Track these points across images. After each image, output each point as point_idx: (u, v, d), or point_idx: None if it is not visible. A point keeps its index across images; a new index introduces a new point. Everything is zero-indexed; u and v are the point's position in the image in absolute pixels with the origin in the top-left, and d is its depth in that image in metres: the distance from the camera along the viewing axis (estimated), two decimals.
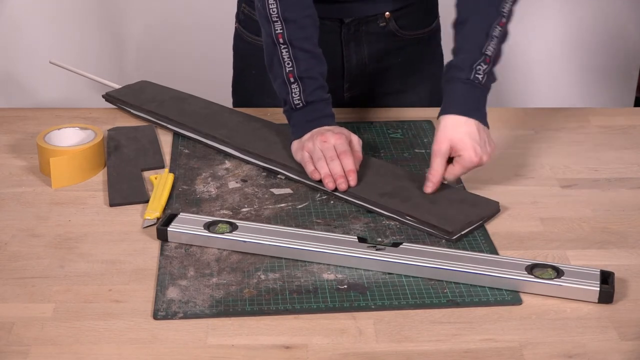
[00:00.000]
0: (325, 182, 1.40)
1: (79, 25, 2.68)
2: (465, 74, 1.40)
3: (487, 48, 1.40)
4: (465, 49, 1.41)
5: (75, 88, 2.54)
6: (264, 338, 1.09)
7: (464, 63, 1.41)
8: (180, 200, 1.40)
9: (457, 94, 1.41)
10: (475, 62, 1.40)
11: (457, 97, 1.41)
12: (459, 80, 1.40)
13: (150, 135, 1.61)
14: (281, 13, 1.44)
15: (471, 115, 1.38)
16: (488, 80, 1.42)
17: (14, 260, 1.24)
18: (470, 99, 1.40)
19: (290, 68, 1.46)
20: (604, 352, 1.07)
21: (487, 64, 1.40)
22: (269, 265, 1.23)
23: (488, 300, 1.16)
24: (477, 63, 1.40)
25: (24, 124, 1.66)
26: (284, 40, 1.45)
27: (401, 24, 1.68)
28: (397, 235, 1.31)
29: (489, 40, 1.40)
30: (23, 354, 1.05)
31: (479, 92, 1.41)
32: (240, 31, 1.75)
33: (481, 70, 1.40)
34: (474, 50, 1.41)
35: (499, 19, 1.41)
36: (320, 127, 1.46)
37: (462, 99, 1.40)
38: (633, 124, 1.70)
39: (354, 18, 1.66)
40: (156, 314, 1.13)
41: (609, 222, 1.36)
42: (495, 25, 1.41)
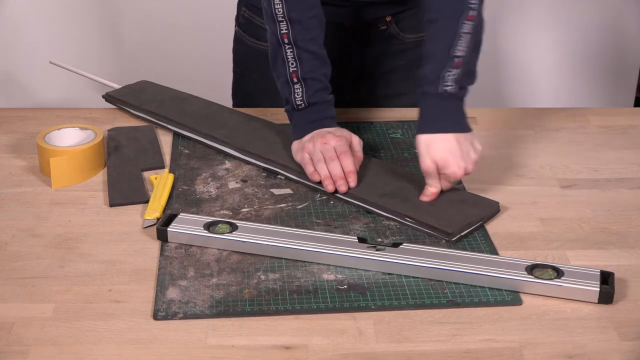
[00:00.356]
0: (325, 185, 1.40)
1: (79, 25, 2.68)
2: (434, 87, 1.37)
3: (456, 49, 1.36)
4: (433, 55, 1.38)
5: (75, 88, 2.54)
6: (264, 338, 1.09)
7: (432, 73, 1.37)
8: (180, 200, 1.40)
9: (429, 111, 1.38)
10: (443, 69, 1.36)
11: (430, 114, 1.38)
12: (429, 95, 1.38)
13: (150, 135, 1.61)
14: (287, 13, 1.44)
15: (447, 130, 1.36)
16: (460, 88, 1.37)
17: (14, 260, 1.24)
18: (443, 113, 1.37)
19: (294, 68, 1.46)
20: (604, 353, 1.07)
21: (457, 68, 1.36)
22: (269, 266, 1.23)
23: (488, 300, 1.16)
24: (445, 70, 1.36)
25: (24, 124, 1.66)
26: (289, 40, 1.45)
27: (402, 27, 1.68)
28: (397, 235, 1.31)
29: (457, 39, 1.36)
30: (23, 354, 1.05)
31: (451, 104, 1.38)
32: (240, 34, 1.75)
33: (450, 78, 1.36)
34: (442, 55, 1.36)
35: (466, 12, 1.36)
36: (321, 128, 1.46)
37: (434, 115, 1.38)
38: (633, 124, 1.70)
39: (355, 21, 1.66)
40: (156, 314, 1.13)
41: (609, 222, 1.36)
42: (463, 20, 1.36)
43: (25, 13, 2.65)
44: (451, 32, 1.36)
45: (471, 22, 1.37)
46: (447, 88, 1.37)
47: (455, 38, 1.36)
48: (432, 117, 1.38)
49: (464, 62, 1.37)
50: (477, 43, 1.39)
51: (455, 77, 1.36)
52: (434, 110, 1.38)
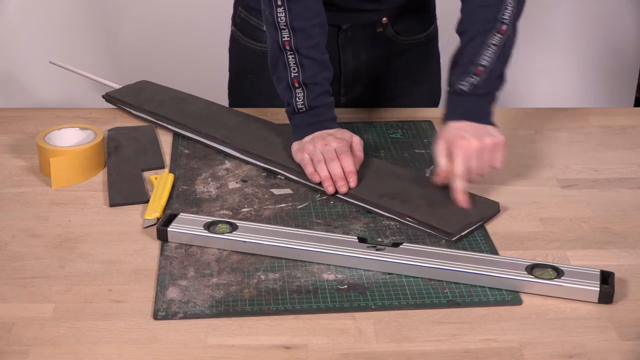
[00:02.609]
0: (325, 186, 1.40)
1: (79, 25, 2.68)
2: (453, 87, 1.43)
3: (480, 58, 1.41)
4: (460, 63, 1.43)
5: (75, 88, 2.54)
6: (264, 338, 1.09)
7: (455, 77, 1.43)
8: (180, 200, 1.40)
9: (449, 107, 1.43)
10: (464, 74, 1.41)
11: (452, 107, 1.43)
12: (449, 94, 1.44)
13: (150, 135, 1.61)
14: (290, 22, 1.44)
15: (462, 119, 1.40)
16: (479, 89, 1.41)
17: (14, 260, 1.24)
18: (462, 107, 1.41)
19: (295, 74, 1.46)
20: (604, 352, 1.07)
21: (477, 75, 1.41)
22: (269, 266, 1.23)
23: (488, 300, 1.16)
24: (466, 75, 1.41)
25: (24, 124, 1.66)
26: (291, 47, 1.45)
27: (398, 30, 1.68)
28: (397, 235, 1.31)
29: (484, 49, 1.41)
30: (23, 354, 1.05)
31: (466, 100, 1.42)
32: (236, 35, 1.75)
33: (468, 81, 1.41)
34: (466, 62, 1.42)
35: (497, 26, 1.41)
36: (322, 130, 1.46)
37: (451, 109, 1.43)
38: (633, 124, 1.70)
39: (351, 24, 1.66)
40: (156, 314, 1.13)
41: (609, 222, 1.36)
42: (494, 33, 1.41)
43: (25, 13, 2.66)
44: (479, 42, 1.42)
45: (501, 35, 1.42)
46: (462, 87, 1.41)
47: (482, 48, 1.41)
48: (449, 112, 1.43)
49: (487, 70, 1.41)
50: (506, 54, 1.44)
51: (475, 82, 1.41)
52: (451, 108, 1.43)
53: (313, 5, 1.46)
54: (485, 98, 1.43)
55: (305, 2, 1.44)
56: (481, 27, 1.42)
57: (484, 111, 1.42)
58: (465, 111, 1.41)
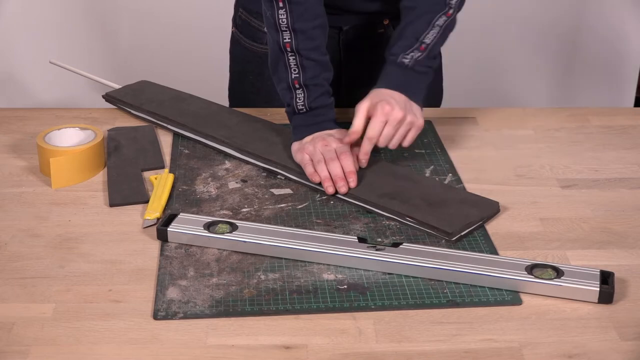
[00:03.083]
0: (325, 187, 1.40)
1: (78, 25, 2.68)
2: (395, 58, 1.47)
3: (425, 36, 1.47)
4: (404, 36, 1.48)
5: (75, 88, 2.54)
6: (263, 338, 1.09)
7: (398, 49, 1.47)
8: (180, 200, 1.40)
9: (389, 74, 1.47)
10: (408, 49, 1.46)
11: (389, 77, 1.47)
12: (390, 63, 1.47)
13: (150, 136, 1.61)
14: (291, 24, 1.44)
15: (401, 91, 1.44)
16: (419, 65, 1.47)
17: (14, 260, 1.24)
18: (400, 78, 1.46)
19: (296, 75, 1.46)
20: (604, 352, 1.07)
21: (420, 52, 1.46)
22: (269, 266, 1.23)
23: (488, 300, 1.16)
24: (410, 50, 1.46)
25: (24, 124, 1.66)
26: (292, 49, 1.45)
27: None
28: (397, 235, 1.31)
29: (429, 29, 1.47)
30: (23, 354, 1.05)
31: (407, 75, 1.46)
32: (237, 36, 1.75)
33: (411, 56, 1.46)
34: (411, 38, 1.47)
35: (445, 10, 1.48)
36: (321, 130, 1.46)
37: (393, 78, 1.46)
38: (633, 124, 1.70)
39: (352, 25, 1.66)
40: (156, 314, 1.13)
41: (609, 222, 1.36)
42: (440, 15, 1.48)
43: (25, 13, 2.66)
44: (426, 22, 1.48)
45: (447, 18, 1.49)
46: (405, 60, 1.46)
47: (429, 28, 1.48)
48: (386, 80, 1.47)
49: (429, 49, 1.48)
50: (445, 36, 1.51)
51: (417, 57, 1.46)
52: (389, 76, 1.47)
53: (314, 7, 1.46)
54: (423, 75, 1.48)
55: (307, 4, 1.44)
56: (430, 8, 1.49)
57: (417, 88, 1.47)
58: (401, 83, 1.45)
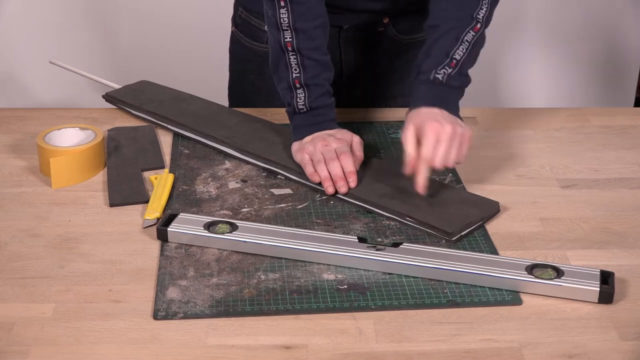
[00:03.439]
0: (325, 187, 1.40)
1: (78, 25, 2.68)
2: (426, 76, 1.43)
3: (455, 52, 1.43)
4: (432, 55, 1.43)
5: (75, 88, 2.54)
6: (264, 338, 1.09)
7: (428, 67, 1.43)
8: (180, 200, 1.40)
9: (424, 92, 1.43)
10: (439, 66, 1.42)
11: (424, 94, 1.42)
12: (422, 82, 1.43)
13: (150, 136, 1.61)
14: (292, 23, 1.44)
15: (440, 106, 1.40)
16: (452, 80, 1.42)
17: (14, 260, 1.24)
18: (436, 95, 1.42)
19: (297, 74, 1.46)
20: (604, 352, 1.07)
21: (452, 68, 1.42)
22: (269, 266, 1.23)
23: (488, 300, 1.16)
24: (441, 67, 1.42)
25: (24, 124, 1.66)
26: (293, 48, 1.45)
27: (399, 29, 1.68)
28: (397, 235, 1.31)
29: (458, 44, 1.43)
30: (23, 354, 1.05)
31: (442, 91, 1.42)
32: (237, 35, 1.75)
33: (442, 71, 1.42)
34: (440, 55, 1.43)
35: (472, 24, 1.44)
36: (322, 130, 1.46)
37: (428, 95, 1.42)
38: (633, 124, 1.70)
39: (352, 24, 1.66)
40: (156, 314, 1.13)
41: (609, 222, 1.36)
42: (468, 30, 1.43)
43: (25, 13, 2.66)
44: (453, 37, 1.43)
45: (474, 33, 1.44)
46: (438, 76, 1.42)
47: (457, 43, 1.42)
48: (421, 98, 1.42)
49: (459, 64, 1.42)
50: (475, 53, 1.45)
51: (449, 73, 1.42)
52: (424, 95, 1.42)
53: (315, 7, 1.46)
54: (457, 91, 1.44)
55: (308, 4, 1.44)
56: (456, 23, 1.44)
57: (454, 103, 1.43)
58: (438, 99, 1.41)
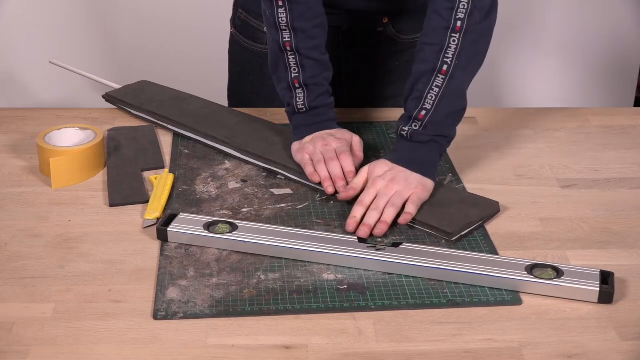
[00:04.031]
0: (325, 187, 1.40)
1: (78, 25, 2.68)
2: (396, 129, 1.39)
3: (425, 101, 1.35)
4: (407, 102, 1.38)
5: (75, 88, 2.54)
6: (264, 338, 1.09)
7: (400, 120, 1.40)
8: (180, 200, 1.40)
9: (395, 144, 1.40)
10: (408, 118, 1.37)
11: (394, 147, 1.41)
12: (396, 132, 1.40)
13: (150, 136, 1.61)
14: (291, 23, 1.44)
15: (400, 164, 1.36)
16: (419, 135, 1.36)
17: (14, 260, 1.24)
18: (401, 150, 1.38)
19: (296, 74, 1.46)
20: (604, 352, 1.07)
21: (420, 120, 1.35)
22: (269, 266, 1.23)
23: (488, 300, 1.16)
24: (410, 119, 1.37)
25: (24, 124, 1.66)
26: (292, 48, 1.45)
27: (398, 29, 1.68)
28: (397, 235, 1.31)
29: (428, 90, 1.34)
30: (23, 354, 1.05)
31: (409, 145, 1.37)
32: (237, 37, 1.75)
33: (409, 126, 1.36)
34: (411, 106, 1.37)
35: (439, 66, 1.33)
36: (322, 130, 1.46)
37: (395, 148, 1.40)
38: (633, 124, 1.70)
39: (351, 24, 1.66)
40: (156, 314, 1.13)
41: (609, 222, 1.36)
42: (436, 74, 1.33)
43: (25, 13, 2.66)
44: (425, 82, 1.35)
45: (443, 76, 1.34)
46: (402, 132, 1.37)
47: (427, 89, 1.35)
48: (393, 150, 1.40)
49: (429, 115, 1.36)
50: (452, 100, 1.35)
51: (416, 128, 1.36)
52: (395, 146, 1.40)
53: (314, 6, 1.46)
54: (429, 145, 1.37)
55: (307, 3, 1.44)
56: (426, 67, 1.35)
57: (423, 160, 1.37)
58: (403, 156, 1.37)
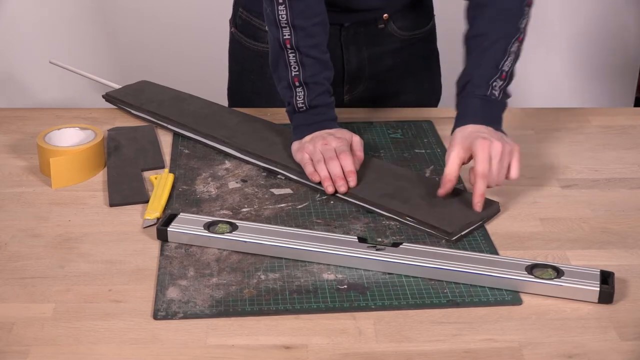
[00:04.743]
0: (325, 186, 1.40)
1: (79, 25, 2.68)
2: (482, 90, 1.41)
3: (504, 64, 1.42)
4: (483, 65, 1.42)
5: (75, 88, 2.54)
6: (264, 338, 1.09)
7: (481, 80, 1.41)
8: (180, 200, 1.40)
9: (474, 108, 1.41)
10: (491, 79, 1.41)
11: (474, 110, 1.41)
12: (476, 96, 1.41)
13: (150, 135, 1.61)
14: (291, 20, 1.44)
15: (487, 124, 1.38)
16: (504, 96, 1.43)
17: (14, 260, 1.24)
18: (487, 112, 1.41)
19: (296, 72, 1.46)
20: (604, 352, 1.07)
21: (502, 80, 1.41)
22: (269, 265, 1.23)
23: (488, 300, 1.16)
24: (493, 79, 1.41)
25: (24, 124, 1.66)
26: (292, 46, 1.45)
27: (399, 26, 1.69)
28: (397, 235, 1.31)
29: (507, 56, 1.42)
30: (23, 354, 1.05)
31: (495, 107, 1.42)
32: (237, 36, 1.75)
33: (497, 86, 1.41)
34: (491, 66, 1.41)
35: (517, 34, 1.43)
36: (322, 129, 1.46)
37: (479, 112, 1.40)
38: (633, 124, 1.70)
39: (352, 22, 1.66)
40: (156, 314, 1.13)
41: (609, 222, 1.36)
42: (514, 41, 1.43)
43: (25, 13, 2.66)
44: (501, 49, 1.42)
45: (520, 43, 1.44)
46: (495, 92, 1.41)
47: (506, 55, 1.42)
48: (476, 113, 1.41)
49: (508, 77, 1.43)
50: (518, 57, 1.45)
51: (502, 86, 1.41)
52: (479, 109, 1.41)
53: (314, 5, 1.46)
54: (503, 104, 1.43)
55: (307, 1, 1.44)
56: (503, 34, 1.43)
57: (500, 118, 1.42)
58: (488, 116, 1.40)
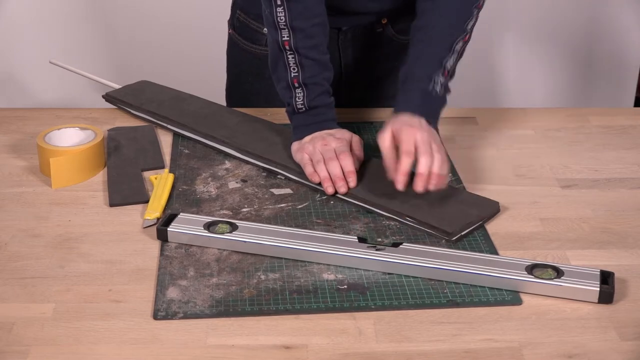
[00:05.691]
0: (325, 187, 1.40)
1: (79, 25, 2.68)
2: (424, 83, 1.41)
3: (447, 61, 1.42)
4: (425, 58, 1.43)
5: (75, 88, 2.54)
6: (263, 338, 1.09)
7: (422, 72, 1.42)
8: (180, 200, 1.40)
9: (413, 100, 1.41)
10: (433, 73, 1.41)
11: (413, 102, 1.40)
12: (417, 89, 1.41)
13: (150, 136, 1.61)
14: (289, 22, 1.43)
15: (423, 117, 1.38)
16: (445, 93, 1.43)
17: (14, 260, 1.24)
18: (426, 105, 1.41)
19: (295, 73, 1.46)
20: (604, 352, 1.07)
21: (444, 77, 1.42)
22: (269, 266, 1.23)
23: (488, 300, 1.16)
24: (435, 74, 1.41)
25: (24, 124, 1.66)
26: (290, 47, 1.45)
27: (397, 29, 1.68)
28: (397, 235, 1.31)
29: (451, 53, 1.43)
30: (23, 354, 1.05)
31: (434, 101, 1.42)
32: (235, 38, 1.75)
33: (439, 82, 1.41)
34: (435, 61, 1.42)
35: (463, 34, 1.44)
36: (321, 130, 1.46)
37: (417, 103, 1.40)
38: (633, 124, 1.70)
39: (351, 25, 1.66)
40: (156, 314, 1.13)
41: (609, 222, 1.36)
42: (459, 40, 1.44)
43: (25, 13, 2.66)
44: (447, 46, 1.43)
45: (464, 43, 1.45)
46: (437, 88, 1.41)
47: (450, 53, 1.43)
48: (415, 104, 1.40)
49: (450, 73, 1.44)
50: (461, 57, 1.47)
51: (443, 83, 1.42)
52: (419, 101, 1.41)
53: (313, 6, 1.45)
54: (443, 100, 1.44)
55: (306, 2, 1.44)
56: (449, 32, 1.44)
57: (437, 113, 1.43)
58: (425, 108, 1.40)
